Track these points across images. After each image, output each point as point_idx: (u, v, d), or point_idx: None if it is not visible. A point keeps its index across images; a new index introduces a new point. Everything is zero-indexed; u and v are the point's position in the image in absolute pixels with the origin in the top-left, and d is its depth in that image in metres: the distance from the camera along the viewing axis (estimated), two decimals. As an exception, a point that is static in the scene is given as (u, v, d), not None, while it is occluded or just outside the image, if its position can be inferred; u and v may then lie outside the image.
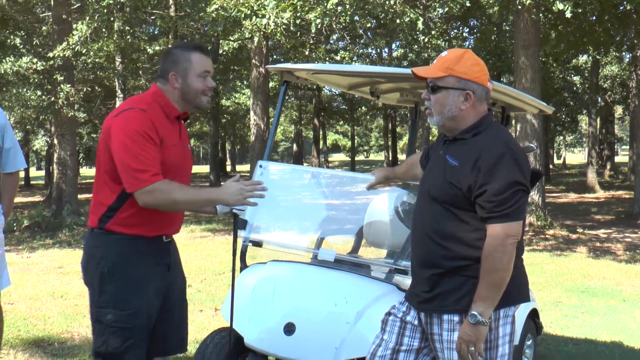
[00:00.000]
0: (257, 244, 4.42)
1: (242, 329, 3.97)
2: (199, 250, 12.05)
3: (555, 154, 57.49)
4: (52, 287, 8.05)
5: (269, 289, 4.10)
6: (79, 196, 17.96)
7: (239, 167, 59.61)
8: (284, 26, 12.23)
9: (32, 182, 41.15)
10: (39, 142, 40.52)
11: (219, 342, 4.14)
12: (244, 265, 4.44)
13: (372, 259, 4.78)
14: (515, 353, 4.89)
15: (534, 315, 5.29)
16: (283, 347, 3.85)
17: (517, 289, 2.99)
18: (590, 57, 29.04)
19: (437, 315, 2.98)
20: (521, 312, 5.04)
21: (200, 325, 6.27)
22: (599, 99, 33.70)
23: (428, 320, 3.03)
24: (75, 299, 7.27)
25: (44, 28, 20.27)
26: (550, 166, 42.97)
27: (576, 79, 35.41)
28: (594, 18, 18.06)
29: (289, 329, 3.85)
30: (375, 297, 3.88)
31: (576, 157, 76.89)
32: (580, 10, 14.77)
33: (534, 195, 15.01)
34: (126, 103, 3.28)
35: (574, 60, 30.05)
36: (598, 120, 33.90)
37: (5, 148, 4.37)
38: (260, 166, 4.53)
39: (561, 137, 54.38)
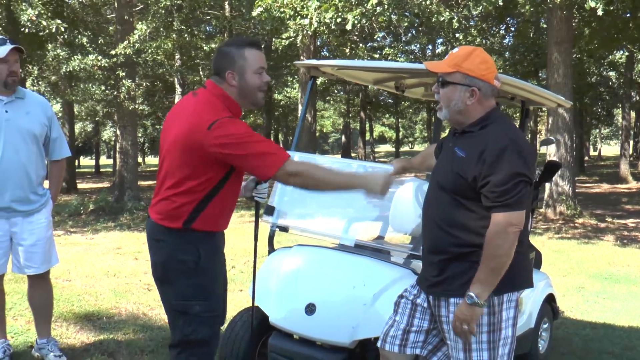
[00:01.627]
0: (284, 229, 4.43)
1: (267, 308, 3.99)
2: (246, 234, 12.10)
3: (591, 146, 56.26)
4: (108, 266, 8.19)
5: (293, 271, 4.11)
6: (140, 183, 18.25)
7: (301, 157, 59.63)
8: (325, 26, 12.18)
9: (101, 170, 42.06)
10: (108, 133, 41.33)
11: (247, 320, 4.16)
12: (271, 249, 4.44)
13: (390, 244, 4.74)
14: (532, 335, 4.83)
15: (550, 300, 5.19)
16: (304, 325, 3.85)
17: (520, 275, 2.96)
18: (625, 53, 28.23)
19: (444, 298, 2.96)
20: (537, 297, 4.96)
21: (238, 303, 6.30)
22: (634, 93, 32.75)
23: (436, 303, 3.02)
24: (127, 277, 7.40)
25: (110, 28, 20.62)
26: (586, 158, 42.06)
27: (612, 74, 34.45)
28: (628, 15, 17.52)
29: (310, 309, 3.85)
30: (392, 281, 3.85)
31: (612, 149, 74.90)
32: (612, 8, 14.38)
33: (565, 186, 14.70)
34: (203, 112, 2.99)
35: (610, 56, 29.25)
36: (632, 113, 32.96)
37: (52, 138, 4.44)
38: (289, 156, 4.52)
39: (597, 130, 53.13)
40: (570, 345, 5.61)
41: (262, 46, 3.32)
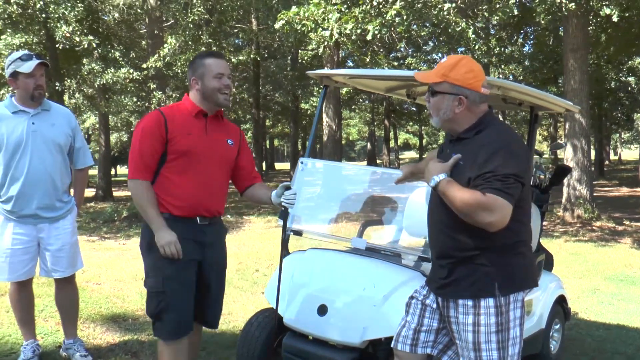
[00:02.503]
0: (298, 233, 4.44)
1: (282, 309, 4.00)
2: (272, 238, 12.11)
3: (612, 150, 55.42)
4: (137, 270, 8.24)
5: (306, 273, 4.12)
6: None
7: (317, 163, 59.75)
8: (346, 37, 12.19)
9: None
10: (142, 143, 41.63)
11: (262, 322, 4.18)
12: (286, 252, 4.45)
13: (401, 247, 4.71)
14: (542, 336, 4.77)
15: (561, 301, 5.12)
16: (317, 326, 3.85)
17: (525, 276, 2.95)
18: (641, 59, 27.85)
19: (452, 300, 2.96)
20: (548, 298, 4.90)
21: (260, 305, 6.30)
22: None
23: (445, 304, 3.03)
24: (155, 280, 7.45)
25: (142, 42, 20.86)
26: (606, 162, 41.43)
27: (631, 79, 33.93)
28: (644, 21, 17.25)
29: (322, 310, 3.86)
30: (401, 283, 3.84)
31: (633, 153, 73.75)
32: (627, 15, 14.19)
33: (582, 189, 14.49)
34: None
35: (629, 62, 28.83)
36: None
37: (76, 147, 4.52)
38: (302, 162, 4.54)
39: (617, 135, 52.30)
40: (582, 346, 5.52)
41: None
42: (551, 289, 5.00)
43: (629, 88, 33.45)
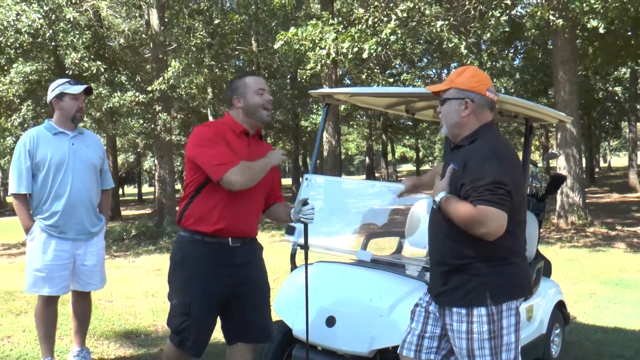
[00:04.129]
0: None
1: (290, 322, 3.98)
2: (276, 252, 12.08)
3: (601, 158, 55.45)
4: (147, 286, 8.23)
5: (313, 286, 4.09)
6: (177, 208, 18.36)
7: (318, 179, 59.78)
8: (342, 55, 12.24)
9: (144, 197, 42.48)
10: (148, 162, 41.79)
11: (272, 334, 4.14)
12: (293, 266, 4.44)
13: (405, 258, 4.70)
14: (543, 341, 4.75)
15: (560, 306, 5.10)
16: (325, 337, 3.83)
17: (517, 285, 2.95)
18: (629, 69, 27.92)
19: (447, 307, 2.98)
20: (548, 304, 4.88)
21: (268, 317, 6.29)
22: (639, 106, 32.28)
23: (441, 312, 3.05)
24: (164, 297, 7.24)
25: (147, 66, 20.93)
26: (597, 169, 41.45)
27: (617, 89, 34.03)
28: (630, 33, 17.33)
29: (330, 321, 3.84)
30: (406, 293, 3.83)
31: (621, 160, 73.73)
32: (613, 27, 14.24)
33: (575, 197, 14.48)
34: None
35: (615, 73, 28.96)
36: (638, 125, 32.49)
37: (104, 170, 4.70)
38: (307, 179, 4.55)
39: (606, 143, 52.36)
40: (582, 349, 5.48)
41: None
42: (551, 295, 4.98)
43: (616, 97, 33.57)
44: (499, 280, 2.87)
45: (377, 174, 47.21)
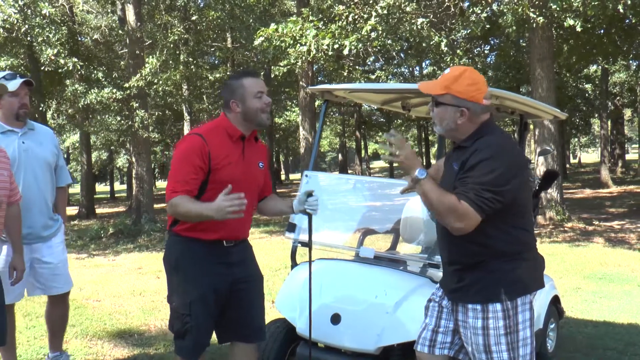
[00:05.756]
0: (306, 244, 4.37)
1: (294, 319, 3.94)
2: (257, 249, 11.86)
3: (571, 154, 56.35)
4: (133, 285, 8.12)
5: (316, 283, 4.05)
6: (155, 206, 18.17)
7: (292, 176, 59.86)
8: (323, 52, 12.21)
9: (116, 195, 41.95)
10: (121, 160, 41.28)
11: (275, 332, 4.11)
12: (294, 264, 4.41)
13: (408, 254, 4.69)
14: (540, 336, 4.77)
15: (555, 301, 5.15)
16: (330, 335, 3.81)
17: (530, 279, 2.95)
18: (599, 67, 28.38)
19: (462, 304, 2.97)
20: (544, 299, 4.91)
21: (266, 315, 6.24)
22: (609, 103, 32.87)
23: (454, 308, 3.05)
24: (152, 295, 7.32)
25: (122, 63, 20.68)
26: (567, 165, 42.11)
27: (587, 86, 34.60)
28: (602, 31, 17.62)
29: (335, 319, 3.81)
30: (411, 289, 3.83)
31: (590, 156, 75.03)
32: (589, 25, 14.44)
33: (553, 193, 14.67)
34: (195, 129, 3.45)
35: (585, 70, 29.40)
36: (609, 122, 33.08)
37: (59, 165, 4.41)
38: (307, 176, 4.51)
39: (576, 139, 53.25)
40: (574, 343, 5.54)
41: (262, 74, 3.54)
42: (546, 289, 5.00)
43: (586, 95, 34.14)
44: (513, 276, 2.87)
45: (350, 171, 47.30)
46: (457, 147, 2.99)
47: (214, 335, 3.46)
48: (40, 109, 16.15)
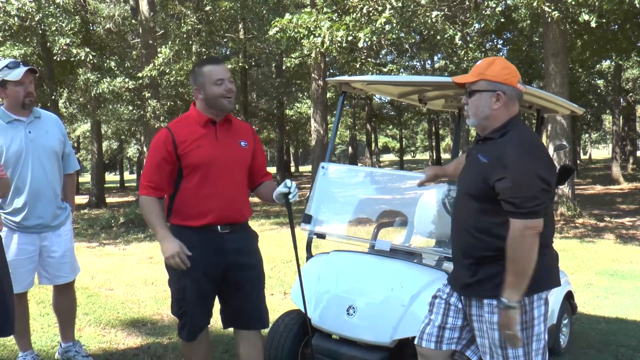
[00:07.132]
0: (321, 236, 4.37)
1: (310, 311, 3.93)
2: (268, 241, 12.02)
3: (581, 150, 56.08)
4: (145, 275, 8.14)
5: (332, 275, 4.06)
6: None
7: (301, 168, 59.90)
8: (337, 44, 12.17)
9: (126, 185, 42.10)
10: (132, 150, 41.38)
11: (289, 323, 4.12)
12: (309, 255, 4.40)
13: (423, 248, 4.67)
14: (554, 331, 4.76)
15: (569, 297, 5.13)
16: (345, 327, 3.80)
17: (547, 276, 2.93)
18: (613, 62, 28.17)
19: (476, 299, 2.95)
20: (558, 295, 4.89)
21: (271, 307, 6.16)
22: (622, 99, 32.63)
23: (467, 303, 3.01)
24: (164, 285, 7.27)
25: (134, 52, 20.69)
26: (578, 161, 41.91)
27: (600, 82, 34.37)
28: (617, 27, 17.49)
29: (350, 310, 3.80)
30: (427, 283, 3.81)
31: (601, 152, 74.70)
32: (604, 21, 14.31)
33: (565, 188, 14.57)
34: None
35: (597, 66, 29.18)
36: (621, 118, 32.85)
37: (66, 153, 4.39)
38: (323, 167, 4.51)
39: (587, 135, 52.94)
40: (587, 339, 5.52)
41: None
42: (561, 285, 4.98)
43: (598, 90, 33.90)
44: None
45: (359, 163, 47.29)
46: (482, 139, 2.97)
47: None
48: (53, 97, 16.17)
